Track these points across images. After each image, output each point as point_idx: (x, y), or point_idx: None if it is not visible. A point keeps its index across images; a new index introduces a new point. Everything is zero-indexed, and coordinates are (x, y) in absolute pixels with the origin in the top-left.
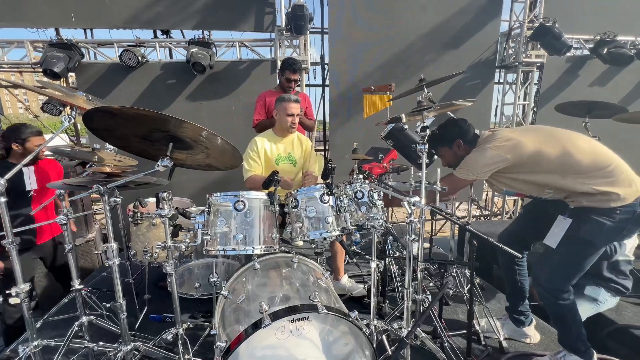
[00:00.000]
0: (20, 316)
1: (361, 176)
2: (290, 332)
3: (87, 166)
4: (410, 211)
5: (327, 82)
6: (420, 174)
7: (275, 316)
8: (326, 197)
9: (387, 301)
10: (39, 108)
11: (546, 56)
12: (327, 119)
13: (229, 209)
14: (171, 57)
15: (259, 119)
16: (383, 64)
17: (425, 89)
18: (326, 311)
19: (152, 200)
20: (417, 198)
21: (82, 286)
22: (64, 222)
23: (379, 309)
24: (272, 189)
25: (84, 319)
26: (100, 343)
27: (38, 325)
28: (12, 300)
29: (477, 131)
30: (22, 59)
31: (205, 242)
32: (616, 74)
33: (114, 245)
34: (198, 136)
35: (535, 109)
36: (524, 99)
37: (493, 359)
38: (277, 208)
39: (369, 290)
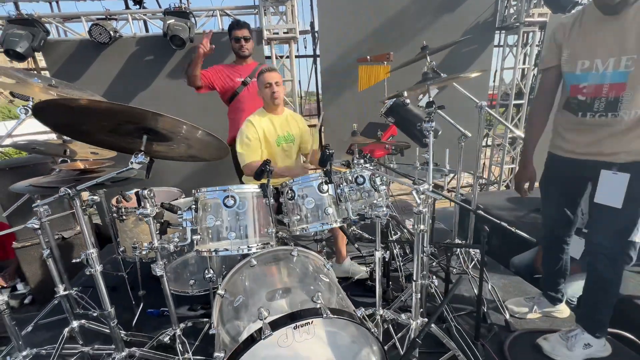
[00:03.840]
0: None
1: (362, 160)
2: (294, 339)
3: (60, 161)
4: (419, 201)
5: (317, 52)
6: (426, 154)
7: (276, 325)
8: (325, 187)
9: (391, 283)
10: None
11: (549, 15)
12: (320, 91)
13: (219, 205)
14: (147, 30)
15: (201, 77)
16: (376, 30)
17: (429, 58)
18: (331, 316)
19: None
20: (426, 186)
21: (67, 292)
22: (37, 226)
23: (383, 293)
24: (264, 180)
25: (74, 323)
26: (95, 346)
27: (29, 328)
28: None
29: None
30: None
31: (195, 241)
32: None
33: (93, 252)
34: (176, 129)
35: (535, 72)
36: (524, 62)
37: (500, 338)
38: (272, 201)
39: (371, 273)
